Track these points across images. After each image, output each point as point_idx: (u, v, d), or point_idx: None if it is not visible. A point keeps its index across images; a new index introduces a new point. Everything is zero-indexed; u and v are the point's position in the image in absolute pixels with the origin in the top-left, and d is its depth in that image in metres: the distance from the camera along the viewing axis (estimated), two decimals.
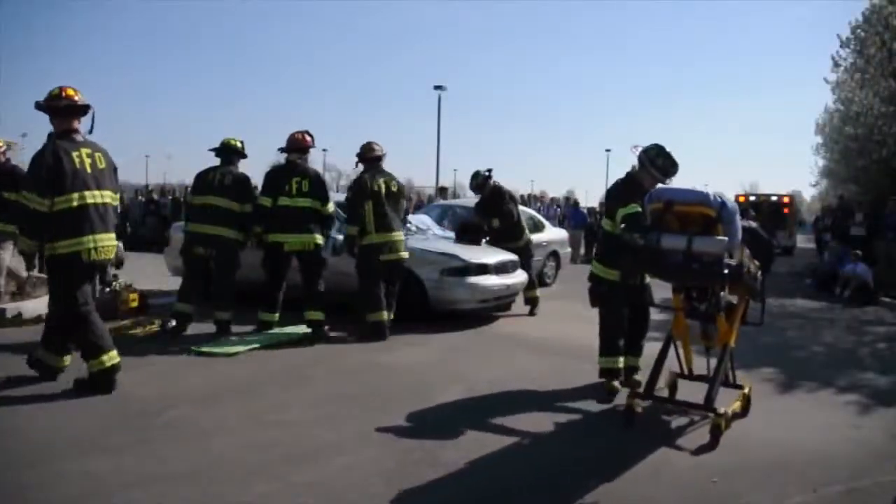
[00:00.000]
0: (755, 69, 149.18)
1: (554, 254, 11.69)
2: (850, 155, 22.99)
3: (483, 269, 7.59)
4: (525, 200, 20.55)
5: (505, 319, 8.17)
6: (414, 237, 8.04)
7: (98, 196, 4.56)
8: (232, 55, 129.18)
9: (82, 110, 4.62)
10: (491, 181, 8.55)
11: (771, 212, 21.61)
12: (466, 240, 8.41)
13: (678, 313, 4.50)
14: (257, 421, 4.17)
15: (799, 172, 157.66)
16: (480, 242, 8.40)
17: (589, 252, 15.59)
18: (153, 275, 9.37)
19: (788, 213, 23.42)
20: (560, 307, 8.78)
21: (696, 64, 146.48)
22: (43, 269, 5.92)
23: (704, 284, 4.37)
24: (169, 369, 5.33)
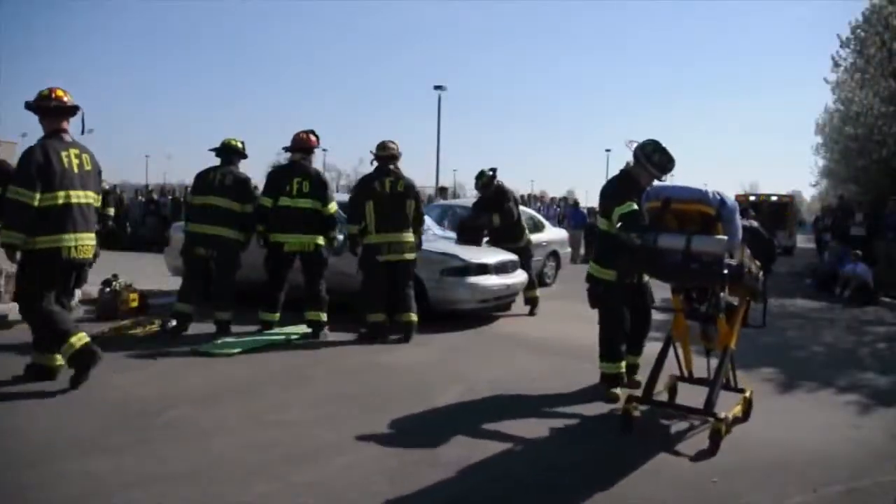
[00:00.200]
0: (755, 69, 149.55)
1: (554, 254, 11.70)
2: (850, 155, 23.02)
3: (483, 269, 7.59)
4: (525, 200, 20.53)
5: (505, 319, 8.17)
6: None
7: (83, 196, 4.67)
8: (232, 55, 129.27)
9: (71, 111, 4.74)
10: (496, 180, 8.55)
11: (771, 212, 21.62)
12: (467, 240, 8.42)
13: (678, 314, 4.41)
14: (257, 421, 4.17)
15: (799, 172, 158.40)
16: (481, 242, 8.40)
17: (589, 252, 15.57)
18: (153, 275, 9.38)
19: (788, 213, 23.43)
20: (560, 307, 8.78)
21: (696, 64, 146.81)
22: None
23: (704, 285, 4.26)
24: (169, 369, 5.33)
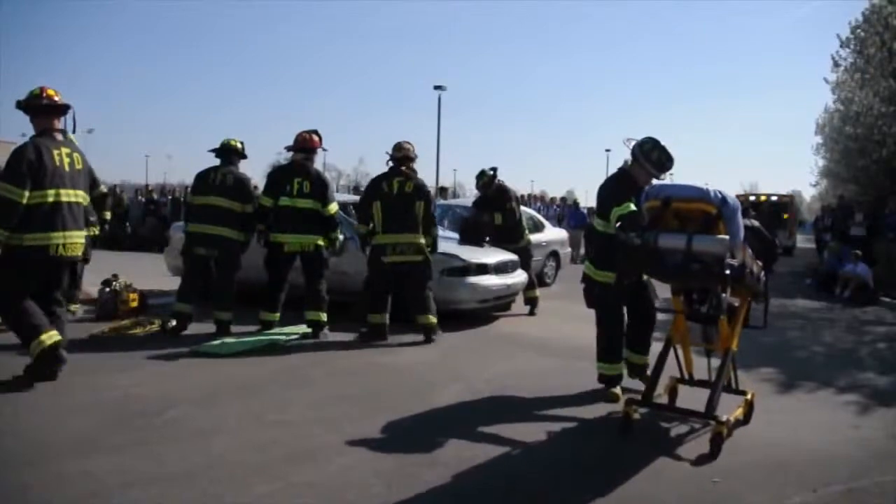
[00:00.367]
0: (755, 69, 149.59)
1: (554, 254, 11.72)
2: (850, 155, 23.01)
3: (483, 269, 7.59)
4: (525, 200, 20.52)
5: (505, 319, 8.17)
6: None
7: (73, 195, 4.70)
8: (232, 55, 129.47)
9: (62, 110, 4.77)
10: (497, 180, 8.55)
11: (771, 212, 21.64)
12: (469, 240, 8.40)
13: (678, 316, 4.34)
14: (257, 421, 4.17)
15: (799, 172, 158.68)
16: (483, 243, 8.39)
17: (589, 252, 15.53)
18: (153, 275, 9.39)
19: (788, 213, 23.44)
20: (560, 307, 8.78)
21: (697, 64, 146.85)
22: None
23: (705, 286, 4.18)
24: (169, 369, 5.33)
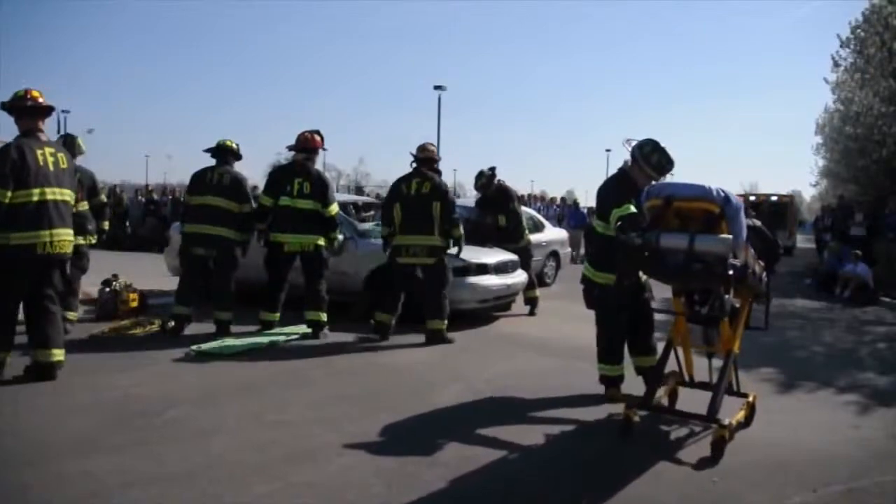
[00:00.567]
0: (755, 69, 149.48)
1: (554, 254, 11.71)
2: (850, 155, 23.00)
3: (483, 269, 7.59)
4: (525, 200, 20.52)
5: (505, 319, 8.17)
6: None
7: (58, 193, 4.74)
8: (232, 55, 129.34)
9: (46, 111, 4.86)
10: (496, 179, 8.53)
11: (771, 212, 21.63)
12: (473, 241, 8.35)
13: (678, 317, 4.29)
14: (257, 421, 4.17)
15: (799, 172, 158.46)
16: (486, 243, 8.36)
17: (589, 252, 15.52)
18: (153, 275, 9.39)
19: (788, 213, 23.44)
20: (560, 307, 8.77)
21: (696, 64, 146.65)
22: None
23: (707, 286, 4.11)
24: (169, 369, 5.33)
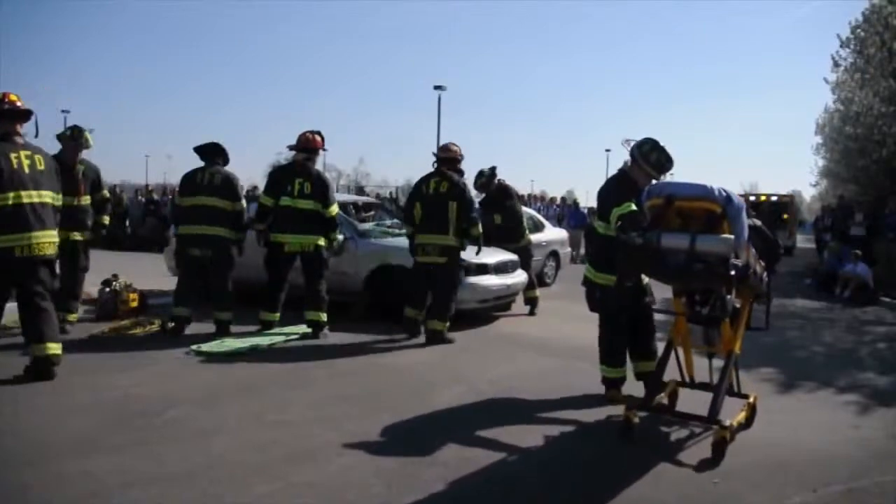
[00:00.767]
0: (755, 69, 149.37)
1: (554, 254, 11.71)
2: (850, 155, 23.00)
3: (483, 269, 7.59)
4: (525, 201, 20.52)
5: (505, 319, 8.17)
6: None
7: (35, 196, 4.73)
8: (232, 55, 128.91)
9: (24, 115, 4.86)
10: (496, 179, 8.52)
11: (771, 212, 21.64)
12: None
13: (679, 317, 4.27)
14: (257, 421, 4.17)
15: (799, 172, 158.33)
16: (491, 243, 8.35)
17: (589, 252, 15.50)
18: (153, 275, 9.39)
19: (788, 213, 23.45)
20: (560, 307, 8.78)
21: (696, 64, 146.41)
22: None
23: (708, 286, 4.09)
24: (169, 369, 5.33)
